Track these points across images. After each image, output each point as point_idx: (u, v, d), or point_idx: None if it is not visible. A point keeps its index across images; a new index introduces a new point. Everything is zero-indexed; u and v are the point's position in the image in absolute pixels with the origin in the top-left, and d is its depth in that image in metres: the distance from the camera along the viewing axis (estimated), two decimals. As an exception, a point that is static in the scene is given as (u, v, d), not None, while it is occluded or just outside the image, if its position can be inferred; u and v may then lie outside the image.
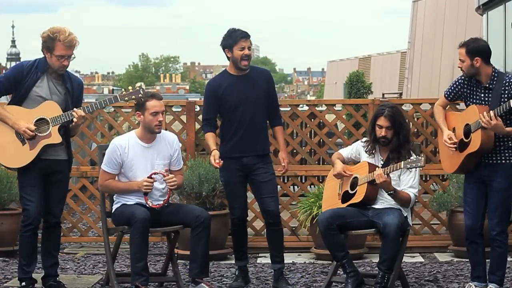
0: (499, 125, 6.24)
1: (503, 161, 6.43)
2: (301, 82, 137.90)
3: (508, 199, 6.47)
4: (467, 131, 6.45)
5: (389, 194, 6.58)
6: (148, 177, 6.65)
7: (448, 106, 6.99)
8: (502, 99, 6.32)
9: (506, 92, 6.34)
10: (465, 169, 6.56)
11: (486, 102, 6.40)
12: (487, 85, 6.43)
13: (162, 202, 6.72)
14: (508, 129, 6.31)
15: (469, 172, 6.59)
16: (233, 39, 6.89)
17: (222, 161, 6.85)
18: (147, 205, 6.66)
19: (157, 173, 6.68)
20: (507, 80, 6.39)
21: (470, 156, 6.43)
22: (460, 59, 6.48)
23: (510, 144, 6.44)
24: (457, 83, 6.64)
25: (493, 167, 6.44)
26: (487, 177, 6.46)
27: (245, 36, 6.91)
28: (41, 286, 6.83)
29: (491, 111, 6.25)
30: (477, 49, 6.42)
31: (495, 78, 6.42)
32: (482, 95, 6.46)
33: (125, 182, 6.74)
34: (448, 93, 6.70)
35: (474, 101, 6.49)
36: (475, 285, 6.52)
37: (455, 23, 25.23)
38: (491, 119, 6.20)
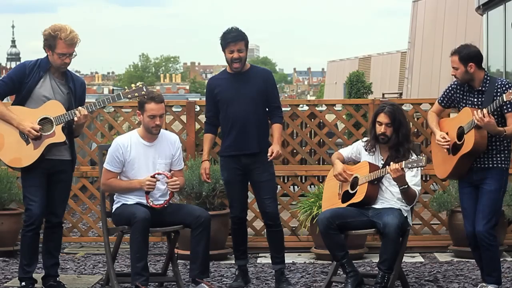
0: (492, 123, 6.25)
1: (495, 165, 6.44)
2: (301, 82, 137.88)
3: (497, 201, 6.47)
4: (460, 134, 6.46)
5: (401, 189, 6.55)
6: (151, 177, 6.65)
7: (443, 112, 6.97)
8: (494, 101, 6.34)
9: (499, 93, 6.35)
10: (458, 173, 6.55)
11: (479, 106, 6.42)
12: (480, 88, 6.46)
13: (163, 202, 6.72)
14: (500, 128, 6.32)
15: (461, 177, 6.59)
16: (224, 42, 6.95)
17: (209, 175, 7.13)
18: (148, 204, 6.66)
19: (161, 174, 6.68)
20: (499, 83, 6.43)
21: (463, 157, 6.42)
22: (453, 67, 6.51)
23: (502, 148, 6.45)
24: (449, 89, 6.67)
25: (485, 171, 6.45)
26: (479, 181, 6.47)
27: (234, 40, 6.92)
28: (41, 286, 6.83)
29: (484, 109, 6.26)
30: (470, 55, 6.45)
31: (487, 82, 6.46)
32: (475, 99, 6.48)
33: (128, 181, 6.74)
34: (441, 99, 6.73)
35: (466, 105, 6.51)
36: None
37: (455, 23, 25.25)
38: (484, 116, 6.21)
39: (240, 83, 6.98)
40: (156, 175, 6.67)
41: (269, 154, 6.95)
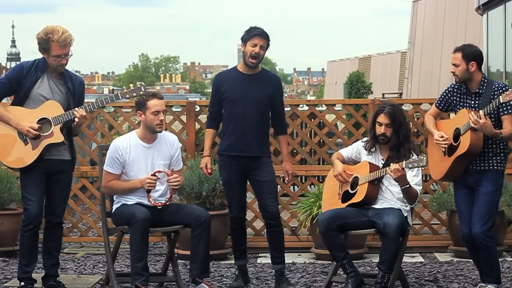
0: (488, 125, 6.24)
1: (491, 167, 6.43)
2: (301, 82, 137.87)
3: (493, 203, 6.45)
4: (457, 135, 6.45)
5: (402, 188, 6.54)
6: (151, 175, 6.65)
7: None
8: (491, 103, 6.33)
9: (495, 96, 6.33)
10: (453, 174, 6.55)
11: (476, 108, 6.41)
12: (477, 91, 6.45)
13: (164, 201, 6.72)
14: (496, 130, 6.31)
15: (457, 179, 6.59)
16: (250, 34, 6.93)
17: (213, 169, 7.13)
18: (149, 203, 6.66)
19: (161, 172, 6.68)
20: (496, 86, 6.42)
21: (459, 159, 6.41)
22: (454, 64, 6.48)
23: (498, 151, 6.44)
24: (446, 91, 6.67)
25: (481, 173, 6.43)
26: (475, 183, 6.46)
27: (261, 34, 6.92)
28: (41, 286, 6.83)
29: (480, 111, 6.26)
30: (473, 54, 6.45)
31: (485, 84, 6.45)
32: (472, 102, 6.48)
33: (128, 181, 6.73)
34: (438, 102, 6.73)
35: (464, 108, 6.50)
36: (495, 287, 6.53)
37: (455, 23, 25.24)
38: (480, 118, 6.21)
39: (250, 85, 6.95)
40: (156, 173, 6.67)
41: (286, 178, 7.12)
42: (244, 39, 6.95)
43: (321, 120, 9.20)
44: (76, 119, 6.54)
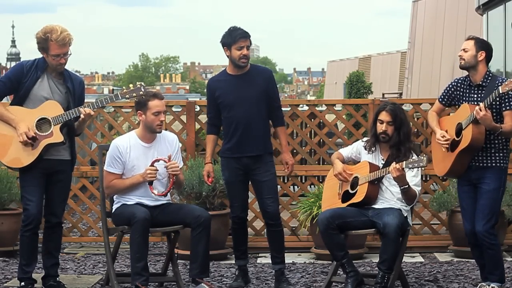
0: (488, 117, 6.25)
1: (493, 164, 6.44)
2: (301, 82, 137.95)
3: (496, 200, 6.46)
4: (459, 130, 6.46)
5: (402, 189, 6.55)
6: (150, 165, 6.65)
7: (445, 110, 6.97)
8: (490, 94, 6.33)
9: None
10: (456, 170, 6.55)
11: (478, 102, 6.41)
12: (480, 83, 6.46)
13: (166, 189, 6.73)
14: (496, 124, 6.32)
15: (460, 175, 6.59)
16: (233, 38, 6.88)
17: (213, 179, 7.14)
18: (153, 194, 6.66)
19: (159, 160, 6.68)
20: (500, 81, 6.43)
21: (461, 153, 6.42)
22: (464, 49, 6.49)
23: (501, 147, 6.45)
24: (450, 86, 6.67)
25: (483, 170, 6.44)
26: (478, 180, 6.47)
27: (245, 36, 6.89)
28: (41, 286, 6.83)
29: (480, 103, 6.27)
30: (486, 46, 6.52)
31: (489, 78, 6.47)
32: (475, 95, 6.49)
33: (130, 177, 6.73)
34: (442, 97, 6.73)
35: (467, 102, 6.51)
36: (497, 286, 6.52)
37: (455, 23, 25.23)
38: (480, 110, 6.21)
39: (242, 85, 6.94)
40: (155, 163, 6.67)
41: (285, 169, 7.08)
42: (228, 43, 6.88)
43: (321, 120, 9.20)
44: (82, 116, 6.53)
